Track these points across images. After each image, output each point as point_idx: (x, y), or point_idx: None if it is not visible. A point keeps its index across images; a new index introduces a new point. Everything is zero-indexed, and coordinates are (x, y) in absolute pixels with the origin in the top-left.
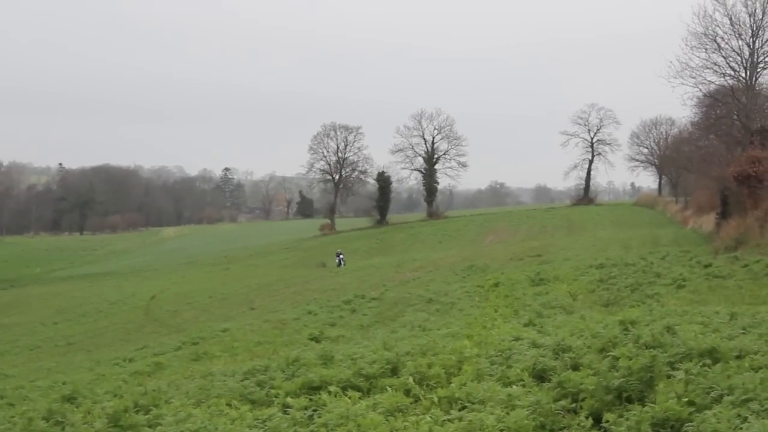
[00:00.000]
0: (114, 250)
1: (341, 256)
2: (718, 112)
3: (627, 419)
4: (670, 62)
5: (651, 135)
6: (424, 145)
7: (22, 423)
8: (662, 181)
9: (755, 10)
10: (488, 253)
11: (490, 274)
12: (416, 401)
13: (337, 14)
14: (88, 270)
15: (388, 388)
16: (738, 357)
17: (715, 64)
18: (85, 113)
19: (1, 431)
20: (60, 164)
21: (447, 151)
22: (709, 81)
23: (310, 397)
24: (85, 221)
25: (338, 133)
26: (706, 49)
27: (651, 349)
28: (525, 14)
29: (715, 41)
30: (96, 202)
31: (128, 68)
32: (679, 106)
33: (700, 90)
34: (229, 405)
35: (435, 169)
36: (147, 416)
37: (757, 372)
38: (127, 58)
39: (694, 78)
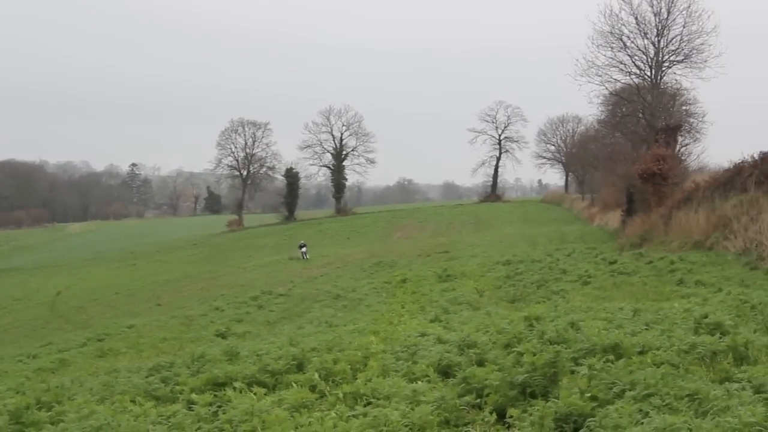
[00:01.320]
0: (18, 245)
1: (304, 249)
2: (623, 110)
3: (530, 414)
4: (577, 60)
5: (558, 132)
6: (332, 142)
7: None
8: (569, 179)
9: (660, 10)
10: (396, 250)
11: (397, 271)
12: (322, 397)
13: (247, 7)
14: None
15: (294, 384)
16: (641, 353)
17: (621, 62)
18: None
19: None
20: None
21: (355, 147)
22: (615, 79)
23: (215, 393)
24: None
25: (246, 129)
26: (612, 47)
27: (555, 345)
28: (436, 14)
29: (621, 40)
30: (0, 197)
31: (33, 58)
32: (585, 104)
33: (606, 88)
34: (133, 401)
35: (343, 166)
36: (49, 413)
37: (658, 367)
38: (33, 47)
39: (600, 76)
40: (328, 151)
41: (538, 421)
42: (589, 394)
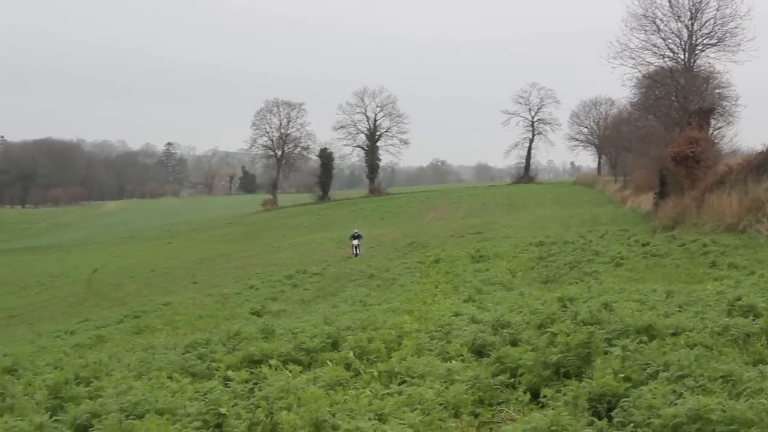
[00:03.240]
0: (56, 223)
1: (356, 242)
2: (656, 93)
3: (564, 394)
4: (611, 43)
5: (591, 115)
6: (366, 122)
7: None
8: (601, 161)
9: None
10: (429, 230)
11: (430, 251)
12: (356, 375)
13: None
14: (29, 243)
15: (329, 362)
16: (674, 334)
17: (654, 45)
18: (28, 86)
19: None
20: (1, 137)
21: (389, 128)
22: (648, 62)
23: (251, 370)
24: (26, 194)
25: (281, 109)
26: (645, 30)
27: (589, 326)
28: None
29: (655, 23)
30: (38, 176)
31: (71, 41)
32: (618, 87)
33: (640, 71)
34: (170, 378)
35: (377, 146)
36: (88, 388)
37: (692, 349)
38: (70, 30)
39: (633, 59)
40: (362, 132)
41: (572, 401)
42: (622, 375)
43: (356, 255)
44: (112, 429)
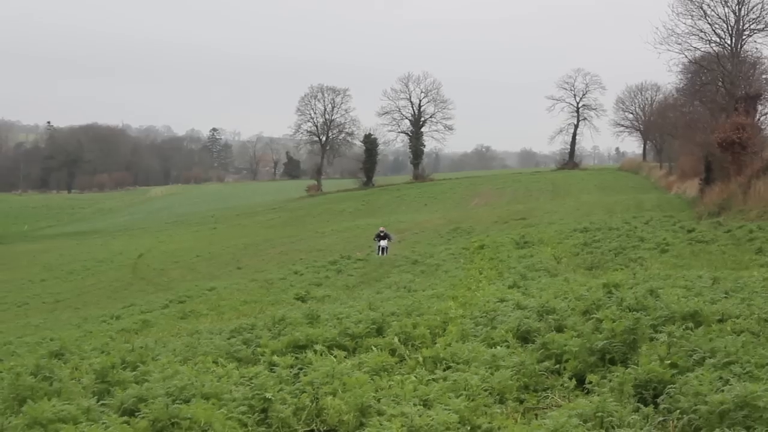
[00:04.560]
0: (101, 208)
1: (384, 243)
2: (703, 78)
3: (610, 380)
4: (657, 28)
5: (636, 101)
6: (410, 108)
7: (9, 378)
8: (647, 147)
9: None
10: (473, 216)
11: (475, 237)
12: (401, 361)
13: None
14: (75, 228)
15: (374, 348)
16: (720, 321)
17: (700, 30)
18: (75, 73)
19: None
20: (48, 122)
21: (433, 114)
22: (695, 47)
23: (296, 355)
24: (72, 179)
25: (326, 94)
26: (692, 15)
27: (634, 312)
28: None
29: (701, 8)
30: (84, 161)
31: (121, 30)
32: (664, 72)
33: (686, 56)
34: (215, 362)
35: (421, 132)
36: (134, 373)
37: (738, 335)
38: (119, 20)
39: (679, 44)
40: (407, 118)
41: (618, 387)
42: (668, 362)
43: (381, 256)
44: (158, 413)
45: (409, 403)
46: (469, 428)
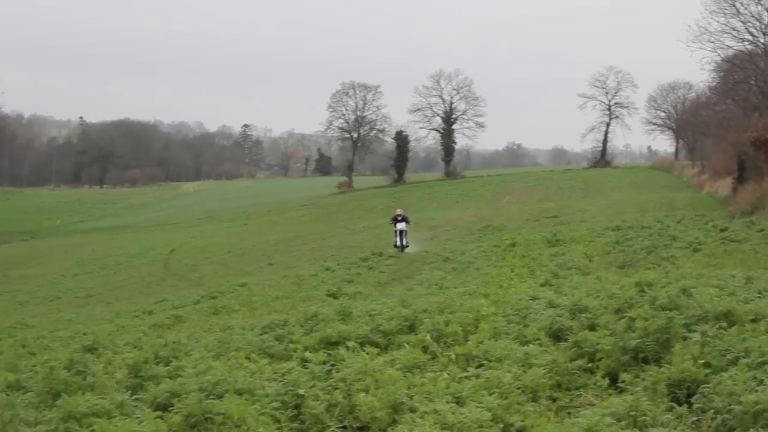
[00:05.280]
0: (133, 203)
1: (402, 226)
2: (735, 77)
3: (643, 379)
4: (689, 26)
5: (668, 99)
6: (442, 105)
7: (44, 372)
8: (679, 145)
9: None
10: (505, 214)
11: (506, 234)
12: (434, 358)
13: None
14: (107, 223)
15: (406, 345)
16: (754, 320)
17: (733, 29)
18: (107, 69)
19: (23, 379)
20: (81, 118)
21: (465, 111)
22: (728, 46)
23: (329, 352)
24: (105, 175)
25: (357, 91)
26: (725, 13)
27: (667, 311)
28: None
29: (734, 6)
30: (116, 156)
31: (150, 27)
32: (697, 71)
33: (719, 55)
34: (248, 358)
35: (453, 129)
36: (167, 368)
37: None
38: (149, 17)
39: (712, 43)
40: (438, 115)
41: (651, 386)
42: (702, 361)
43: (401, 247)
44: (192, 408)
45: (442, 401)
46: (501, 426)
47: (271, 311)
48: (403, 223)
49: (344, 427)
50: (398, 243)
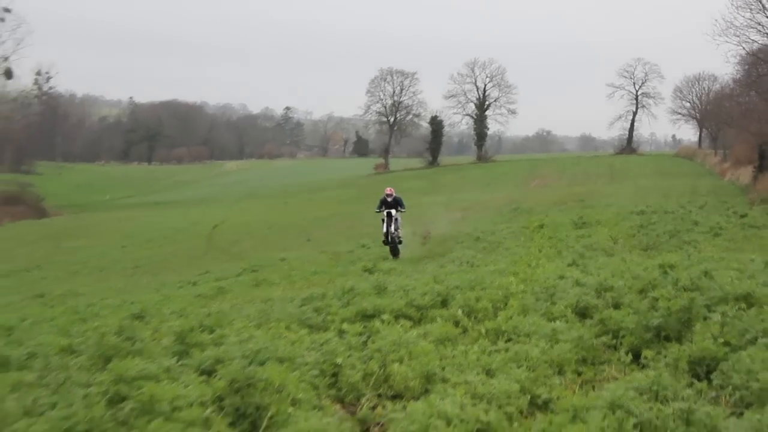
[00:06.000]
0: (179, 180)
1: (394, 214)
2: (759, 70)
3: (665, 356)
4: (716, 21)
5: (693, 90)
6: (476, 92)
7: (95, 337)
8: (702, 134)
9: None
10: (533, 197)
11: (535, 216)
12: (464, 332)
13: None
14: (154, 198)
15: (438, 319)
16: None
17: (759, 24)
18: (157, 51)
19: (75, 344)
20: (131, 98)
21: (498, 98)
22: (753, 40)
23: (365, 324)
24: (152, 152)
25: (394, 77)
26: (750, 9)
27: (689, 292)
28: None
29: (760, 1)
30: (163, 135)
31: (198, 9)
32: (722, 63)
33: (744, 48)
34: (287, 328)
35: (485, 115)
36: (211, 335)
37: None
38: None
39: (737, 37)
40: (472, 101)
41: (673, 363)
42: (721, 340)
43: (391, 240)
44: (235, 374)
45: (473, 372)
46: (529, 397)
47: (310, 285)
48: (395, 210)
49: (379, 395)
50: (387, 233)
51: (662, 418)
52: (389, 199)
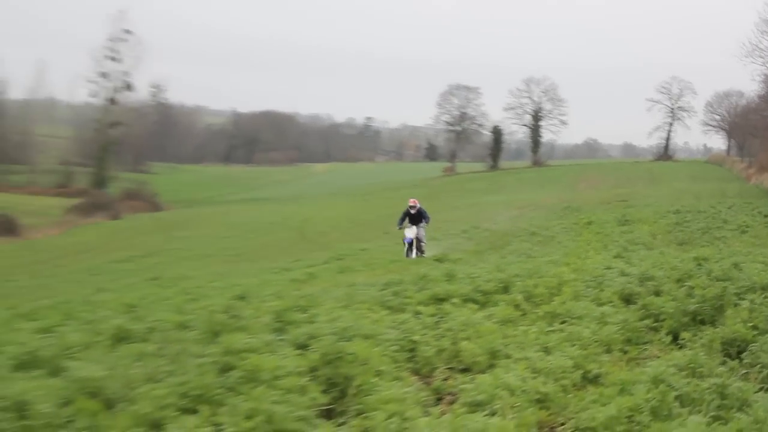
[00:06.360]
0: (273, 180)
1: (411, 236)
2: None
3: (701, 338)
4: (743, 44)
5: (723, 104)
6: (531, 105)
7: (205, 315)
8: (731, 144)
9: None
10: (582, 197)
11: (583, 214)
12: (524, 315)
13: None
14: (252, 195)
15: (501, 303)
16: None
17: None
18: (255, 67)
19: (187, 321)
20: (234, 108)
21: (551, 111)
22: None
23: (437, 306)
24: (251, 156)
25: (460, 92)
26: None
27: (721, 282)
28: None
29: None
30: (261, 141)
31: (293, 32)
32: (748, 81)
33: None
34: (370, 309)
35: (540, 125)
36: (305, 314)
37: None
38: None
39: (762, 58)
40: (528, 113)
41: (708, 344)
42: (750, 324)
43: (413, 256)
44: (327, 348)
45: (532, 349)
46: (582, 372)
47: (388, 272)
48: (414, 228)
49: (450, 368)
50: (409, 251)
51: (699, 391)
52: (413, 212)
